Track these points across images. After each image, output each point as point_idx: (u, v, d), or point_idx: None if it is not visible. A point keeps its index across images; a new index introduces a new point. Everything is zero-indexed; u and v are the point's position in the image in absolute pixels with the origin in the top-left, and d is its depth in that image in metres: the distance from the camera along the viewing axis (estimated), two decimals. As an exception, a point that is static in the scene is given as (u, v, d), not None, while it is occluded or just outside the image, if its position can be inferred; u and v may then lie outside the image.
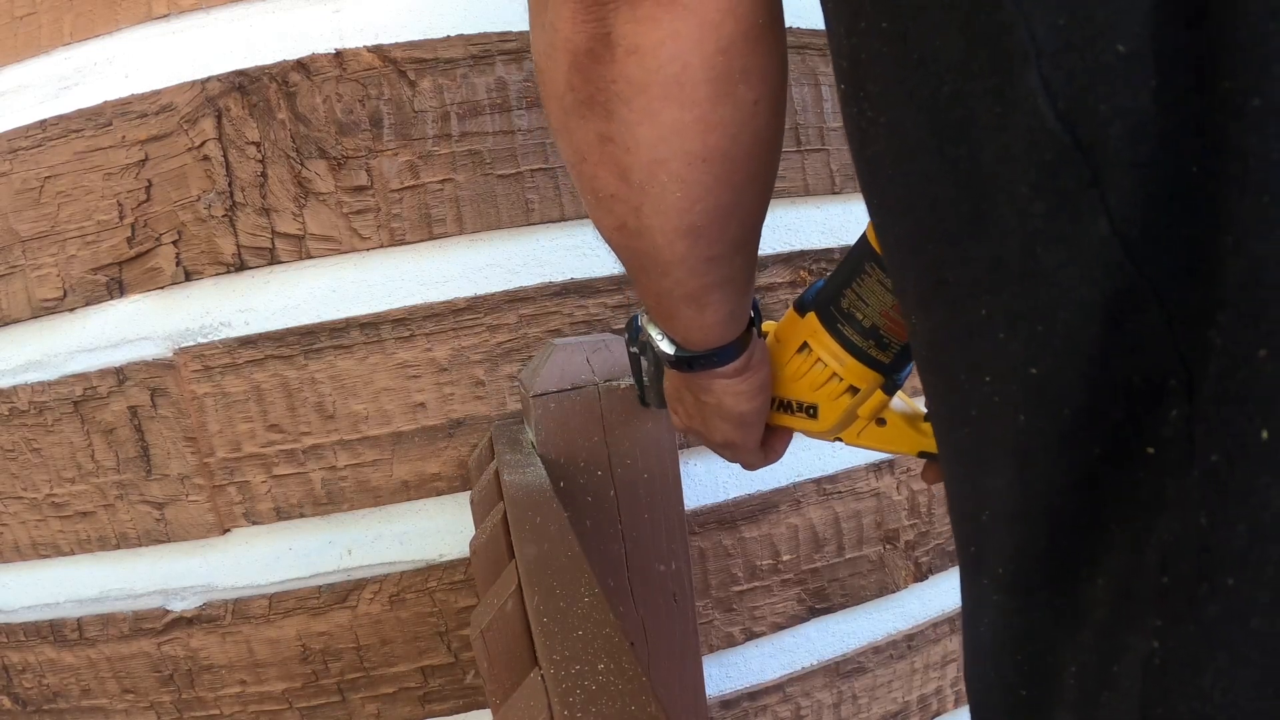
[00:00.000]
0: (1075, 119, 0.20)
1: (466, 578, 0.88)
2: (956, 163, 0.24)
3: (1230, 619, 0.19)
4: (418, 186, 0.82)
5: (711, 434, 0.54)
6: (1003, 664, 0.28)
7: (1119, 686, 0.22)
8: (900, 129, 0.26)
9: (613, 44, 0.31)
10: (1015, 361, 0.24)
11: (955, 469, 0.30)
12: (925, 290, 0.28)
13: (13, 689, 0.89)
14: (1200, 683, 0.20)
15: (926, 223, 0.27)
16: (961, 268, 0.25)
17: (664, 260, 0.38)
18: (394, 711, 0.90)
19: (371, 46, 0.80)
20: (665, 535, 0.78)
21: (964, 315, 0.26)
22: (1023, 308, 0.23)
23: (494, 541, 0.60)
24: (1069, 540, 0.24)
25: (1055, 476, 0.24)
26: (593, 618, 0.42)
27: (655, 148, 0.34)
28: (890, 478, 1.04)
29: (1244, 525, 0.19)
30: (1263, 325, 0.18)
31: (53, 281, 0.81)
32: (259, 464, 0.83)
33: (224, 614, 0.85)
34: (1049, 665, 0.26)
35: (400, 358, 0.84)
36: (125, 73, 0.78)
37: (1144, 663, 0.21)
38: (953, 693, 1.15)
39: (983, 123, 0.22)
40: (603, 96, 0.33)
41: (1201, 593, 0.20)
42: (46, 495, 0.84)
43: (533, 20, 0.36)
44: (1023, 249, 0.23)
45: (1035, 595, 0.26)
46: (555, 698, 0.36)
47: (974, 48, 0.22)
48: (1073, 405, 0.23)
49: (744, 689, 1.01)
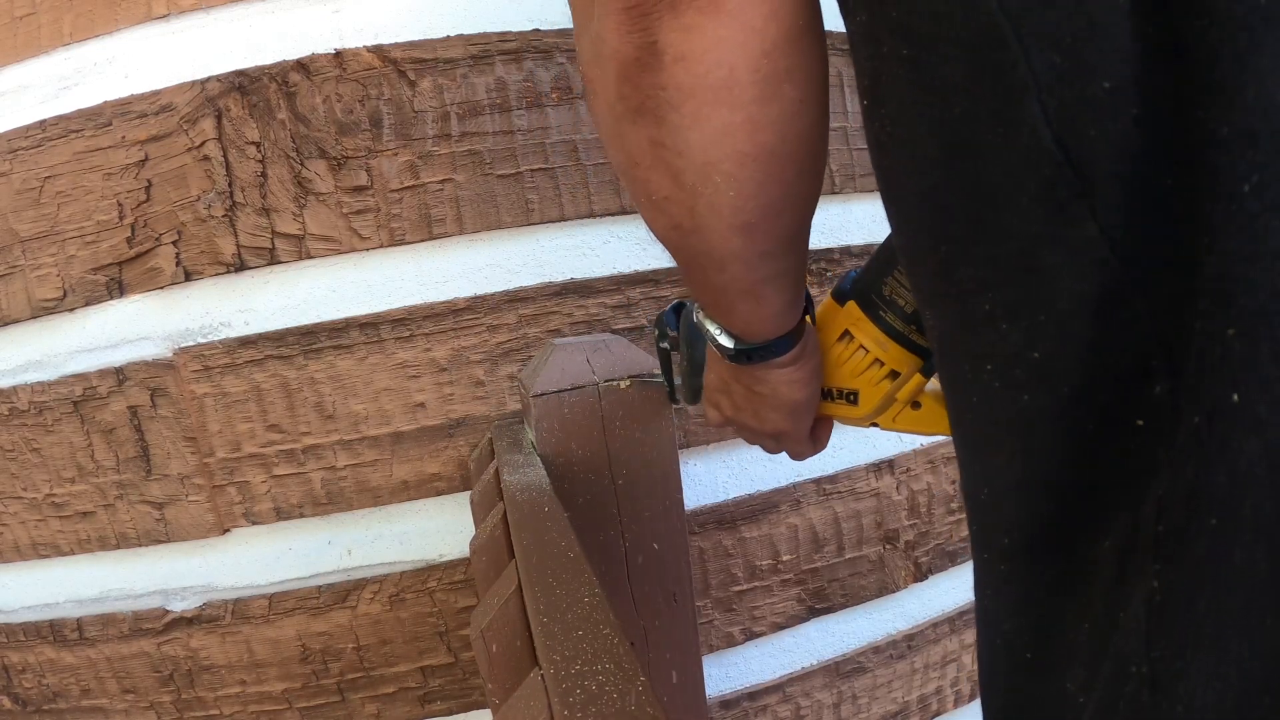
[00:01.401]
0: (1069, 141, 0.24)
1: (466, 578, 0.88)
2: (963, 175, 0.27)
3: (1215, 555, 0.22)
4: (417, 186, 0.82)
5: (763, 425, 0.55)
6: (1009, 630, 0.31)
7: (1126, 628, 0.25)
8: (913, 143, 0.29)
9: (659, 52, 0.32)
10: (1017, 349, 0.27)
11: (962, 452, 0.33)
12: (935, 288, 0.31)
13: (13, 689, 0.89)
14: (1194, 612, 0.23)
15: (936, 227, 0.30)
16: (967, 267, 0.29)
17: (720, 257, 0.39)
18: (394, 711, 0.90)
19: (371, 46, 0.80)
20: (665, 535, 0.78)
21: (969, 310, 0.29)
22: (1023, 300, 0.26)
23: (494, 541, 0.60)
24: (1071, 508, 0.27)
25: (1055, 450, 0.27)
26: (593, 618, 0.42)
27: (706, 150, 0.35)
28: (890, 478, 1.04)
29: (1223, 473, 0.22)
30: (1232, 310, 0.21)
31: (52, 281, 0.81)
32: (259, 464, 0.83)
33: (224, 614, 0.85)
34: (1056, 627, 0.28)
35: (400, 358, 0.84)
36: (125, 73, 0.78)
37: (1146, 602, 0.24)
38: (952, 693, 1.15)
39: (987, 141, 0.26)
40: (652, 103, 0.34)
41: (1191, 533, 0.23)
42: (46, 495, 0.84)
43: (578, 32, 0.37)
44: (1022, 250, 0.26)
45: (1039, 563, 0.29)
46: (555, 698, 0.36)
47: (980, 77, 0.25)
48: (1070, 385, 0.26)
49: (744, 689, 1.01)
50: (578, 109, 0.86)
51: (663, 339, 0.67)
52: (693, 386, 0.65)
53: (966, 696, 1.16)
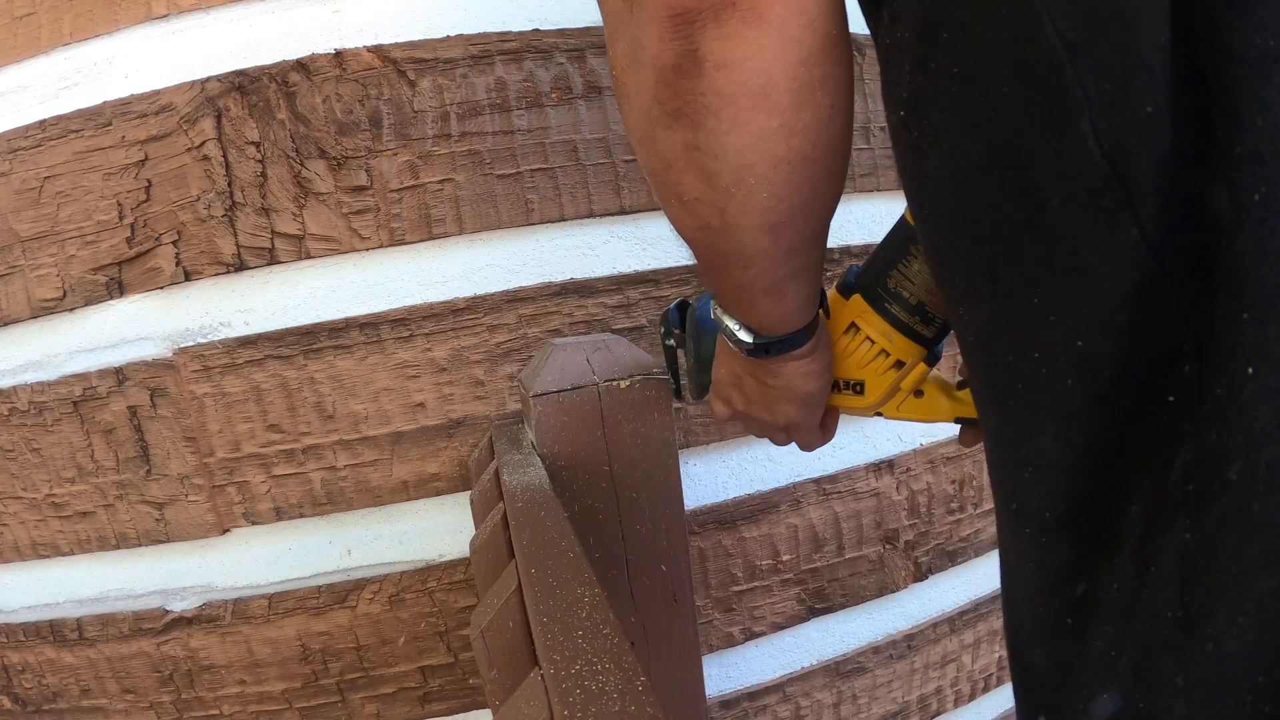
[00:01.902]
0: (1115, 157, 0.27)
1: (466, 578, 0.88)
2: (1010, 184, 0.31)
3: (1237, 507, 0.26)
4: (417, 186, 0.82)
5: (775, 417, 0.57)
6: (1050, 597, 0.33)
7: (1159, 580, 0.28)
8: (958, 153, 0.32)
9: (700, 60, 0.34)
10: (1064, 339, 0.30)
11: (1001, 434, 0.35)
12: (977, 284, 0.34)
13: (12, 689, 0.89)
14: (1220, 559, 0.26)
15: (979, 230, 0.33)
16: (1014, 266, 0.32)
17: (747, 255, 0.41)
18: (394, 711, 0.90)
19: (371, 46, 0.80)
20: (665, 535, 0.78)
21: (1015, 304, 0.32)
22: (1069, 296, 0.30)
23: (494, 541, 0.60)
24: (1108, 480, 0.30)
25: (1096, 429, 0.30)
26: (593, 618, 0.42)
27: (743, 154, 0.36)
28: (890, 478, 1.04)
29: (1241, 434, 0.25)
30: (1244, 299, 0.25)
31: (52, 281, 0.81)
32: (258, 464, 0.83)
33: (224, 614, 0.85)
34: (1092, 591, 0.31)
35: (400, 358, 0.84)
36: (125, 73, 0.78)
37: (1179, 553, 0.27)
38: (952, 693, 1.15)
39: (1038, 154, 0.29)
40: (690, 108, 0.35)
41: (1215, 489, 0.26)
42: (46, 495, 0.84)
43: (611, 36, 0.38)
44: (1071, 251, 0.29)
45: (1079, 530, 0.32)
46: (555, 698, 0.36)
47: (1037, 98, 0.28)
48: (1111, 370, 0.29)
49: (744, 689, 1.01)
50: (577, 109, 0.86)
51: (669, 337, 0.68)
52: (699, 383, 0.66)
53: (966, 696, 1.16)
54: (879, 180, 0.98)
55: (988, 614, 1.15)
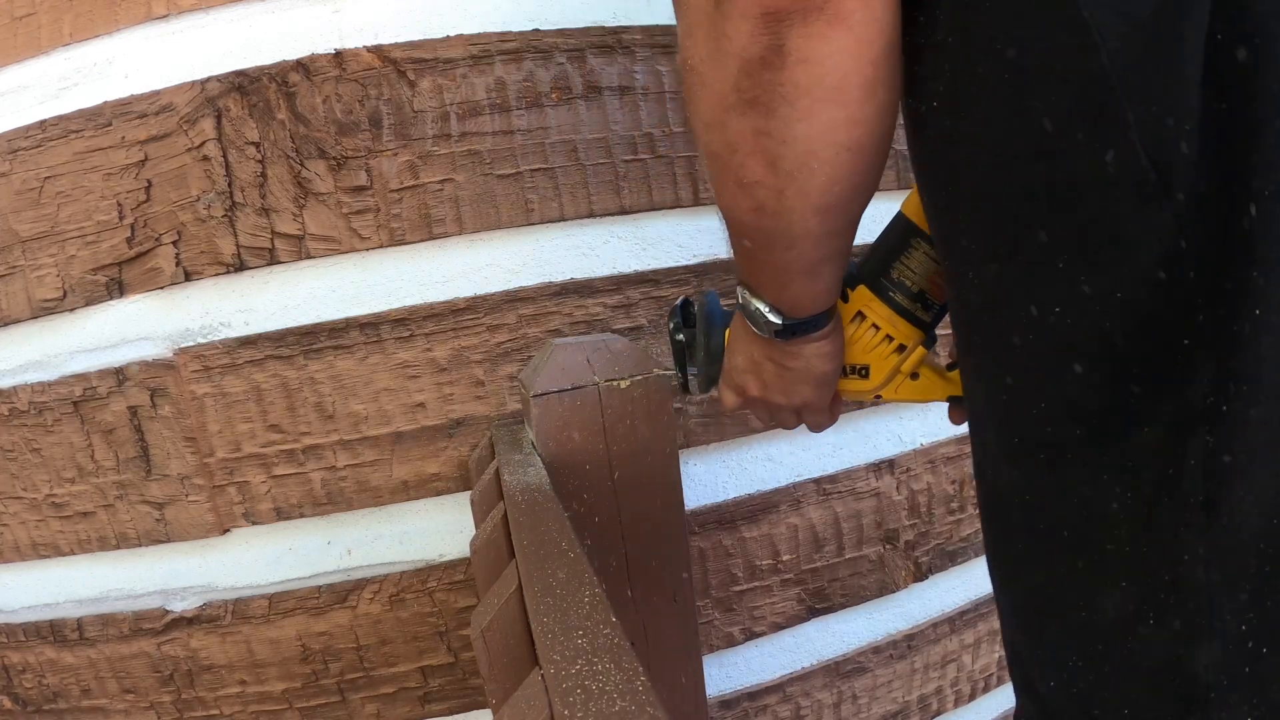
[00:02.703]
0: (1157, 159, 0.33)
1: (466, 578, 0.88)
2: (1055, 175, 0.36)
3: (1245, 412, 0.33)
4: (417, 186, 0.82)
5: (790, 399, 0.61)
6: (1076, 510, 0.40)
7: (1185, 474, 0.35)
8: (998, 145, 0.38)
9: (785, 54, 0.38)
10: (1102, 290, 0.36)
11: (1000, 379, 0.42)
12: (996, 251, 0.40)
13: (13, 689, 0.89)
14: (1234, 453, 0.33)
15: (1012, 208, 0.38)
16: (1038, 237, 0.37)
17: (794, 235, 0.46)
18: (394, 711, 0.90)
19: (371, 46, 0.80)
20: (665, 535, 0.78)
21: (1038, 267, 0.38)
22: (1111, 258, 0.35)
23: (494, 541, 0.60)
24: (1132, 402, 0.36)
25: (1131, 362, 0.36)
26: (593, 617, 0.42)
27: (810, 140, 0.40)
28: (890, 478, 1.04)
29: (1251, 357, 0.32)
30: (1255, 261, 0.32)
31: (52, 282, 0.81)
32: (259, 464, 0.83)
33: (224, 614, 0.85)
34: (1118, 498, 0.38)
35: (400, 358, 0.84)
36: (125, 73, 0.78)
37: (1202, 451, 0.34)
38: (953, 693, 1.15)
39: (1086, 154, 0.35)
40: (767, 97, 0.39)
41: (1229, 398, 0.33)
42: (46, 495, 0.84)
43: (690, 29, 0.42)
44: (1114, 222, 0.35)
45: (1102, 447, 0.38)
46: (555, 697, 0.36)
47: (1085, 109, 0.34)
48: (1143, 314, 0.35)
49: (744, 689, 1.01)
50: (577, 109, 0.86)
51: (679, 332, 0.70)
52: (709, 375, 0.69)
53: (967, 696, 1.16)
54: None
55: (988, 614, 1.15)
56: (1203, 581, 0.35)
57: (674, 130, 0.89)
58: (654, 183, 0.89)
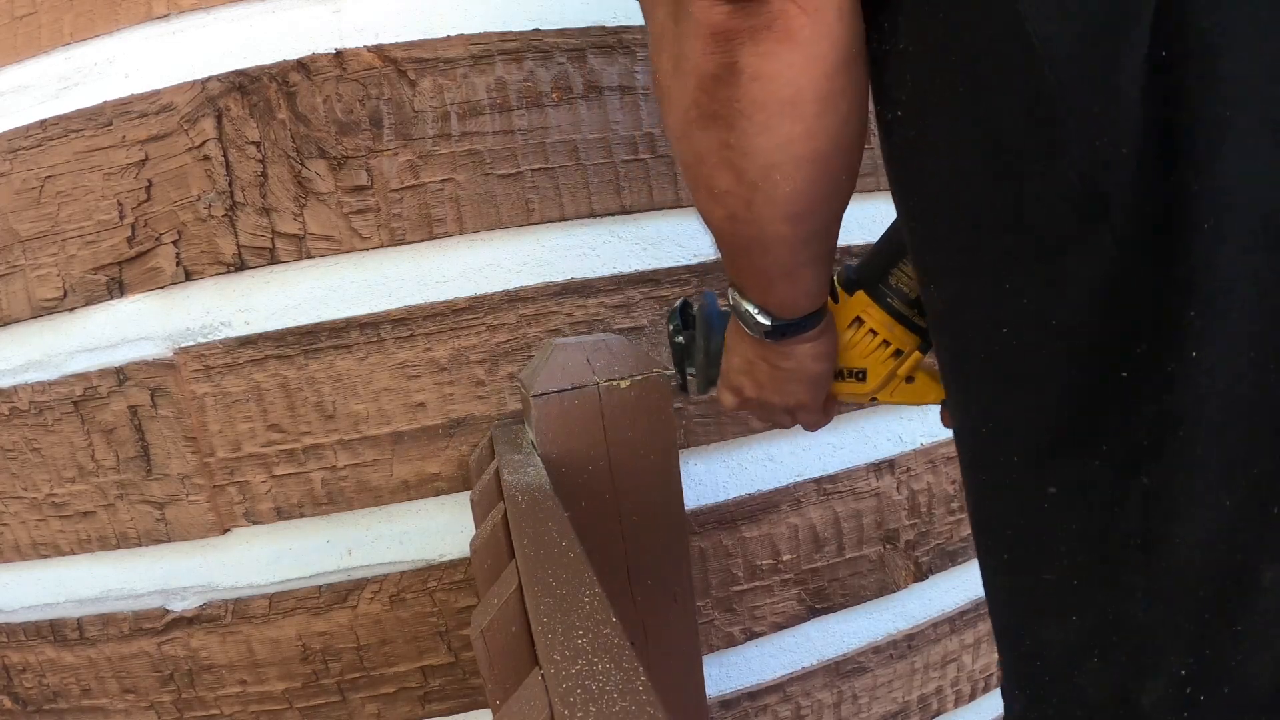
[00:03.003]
0: (1097, 179, 0.32)
1: (467, 577, 0.88)
2: (1006, 190, 0.36)
3: (1184, 454, 0.32)
4: (418, 186, 0.82)
5: (785, 399, 0.62)
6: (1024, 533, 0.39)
7: (1125, 513, 0.34)
8: (957, 158, 0.38)
9: (738, 71, 0.38)
10: (1036, 316, 0.36)
11: (958, 397, 0.42)
12: (952, 264, 0.40)
13: (13, 689, 0.89)
14: (1172, 494, 0.33)
15: (964, 220, 0.38)
16: (991, 253, 0.37)
17: (768, 242, 0.46)
18: (394, 711, 0.90)
19: (372, 46, 0.80)
20: (666, 535, 0.78)
21: (988, 285, 0.38)
22: (1052, 277, 0.35)
23: (494, 541, 0.60)
24: (1074, 431, 0.36)
25: (1065, 390, 0.36)
26: (593, 617, 0.42)
27: (770, 153, 0.41)
28: (890, 478, 1.04)
29: (1190, 399, 0.32)
30: (1192, 298, 0.31)
31: (53, 281, 0.81)
32: (259, 464, 0.83)
33: (224, 614, 0.85)
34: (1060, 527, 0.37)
35: (400, 358, 0.84)
36: (125, 72, 0.78)
37: (1142, 493, 0.34)
38: (953, 692, 1.15)
39: (1032, 170, 0.34)
40: (725, 111, 0.40)
41: (1168, 441, 0.33)
42: (47, 495, 0.84)
43: (657, 47, 0.43)
44: (1056, 242, 0.34)
45: (1045, 473, 0.37)
46: (556, 697, 0.36)
47: (1034, 128, 0.34)
48: (1085, 340, 0.35)
49: (744, 689, 1.01)
50: (578, 109, 0.86)
51: (678, 334, 0.71)
52: (708, 376, 0.70)
53: (967, 696, 1.16)
54: (879, 181, 0.98)
55: (988, 614, 1.15)
56: (1144, 621, 0.34)
57: (674, 130, 0.89)
58: (654, 182, 0.89)
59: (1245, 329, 0.30)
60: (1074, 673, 0.37)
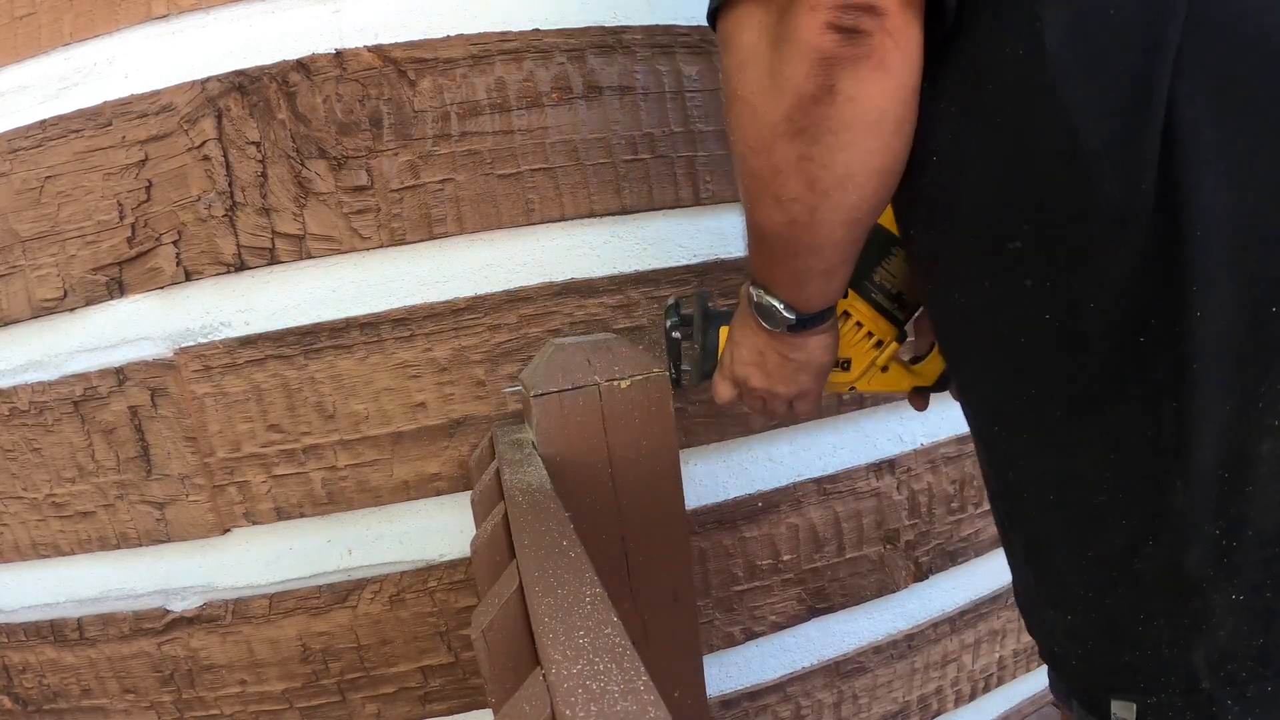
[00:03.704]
0: (1127, 207, 0.43)
1: (467, 577, 0.88)
2: (1040, 213, 0.46)
3: (1194, 386, 0.43)
4: (418, 186, 0.82)
5: (791, 387, 0.67)
6: (1074, 472, 0.49)
7: (1163, 434, 0.45)
8: (999, 193, 0.47)
9: (836, 93, 0.45)
10: (1078, 298, 0.46)
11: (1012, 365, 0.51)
12: (988, 269, 0.49)
13: (13, 689, 0.89)
14: (1189, 420, 0.44)
15: (1008, 242, 0.48)
16: (1032, 260, 0.47)
17: (820, 244, 0.53)
18: (394, 711, 0.90)
19: (372, 46, 0.80)
20: (666, 535, 0.78)
21: (1020, 284, 0.48)
22: (1087, 275, 0.45)
23: (495, 541, 0.60)
24: (1106, 383, 0.46)
25: (1100, 355, 0.46)
26: (594, 617, 0.42)
27: (850, 165, 0.48)
28: (890, 478, 1.04)
29: (1195, 343, 0.43)
30: (1195, 289, 0.42)
31: (53, 281, 0.81)
32: (259, 464, 0.83)
33: (224, 614, 0.85)
34: (1100, 460, 0.48)
35: (400, 358, 0.84)
36: (125, 73, 0.78)
37: (1171, 419, 0.45)
38: (953, 692, 1.15)
39: (1068, 204, 0.45)
40: (814, 128, 0.47)
41: (1183, 372, 0.43)
42: (47, 495, 0.84)
43: (742, 65, 0.49)
44: (1092, 252, 0.45)
45: (1083, 419, 0.48)
46: (557, 697, 0.36)
47: (1072, 177, 0.44)
48: (1109, 319, 0.45)
49: (744, 689, 1.01)
50: (577, 109, 0.86)
51: (676, 329, 0.74)
52: (704, 370, 0.74)
53: (967, 696, 1.16)
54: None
55: (988, 614, 1.15)
56: (1183, 505, 0.45)
57: (674, 130, 0.89)
58: (654, 183, 0.89)
59: (1230, 297, 0.42)
60: (1133, 560, 0.47)
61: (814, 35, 0.44)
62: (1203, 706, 0.46)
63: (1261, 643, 0.45)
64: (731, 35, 0.49)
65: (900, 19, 0.45)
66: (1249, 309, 0.42)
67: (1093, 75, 0.43)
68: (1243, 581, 0.44)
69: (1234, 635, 0.45)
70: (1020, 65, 0.45)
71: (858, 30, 0.44)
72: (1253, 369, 0.43)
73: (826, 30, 0.44)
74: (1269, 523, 0.44)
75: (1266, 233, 0.41)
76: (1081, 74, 0.43)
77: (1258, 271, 0.42)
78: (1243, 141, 0.41)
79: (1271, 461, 0.43)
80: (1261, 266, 0.42)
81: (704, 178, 0.91)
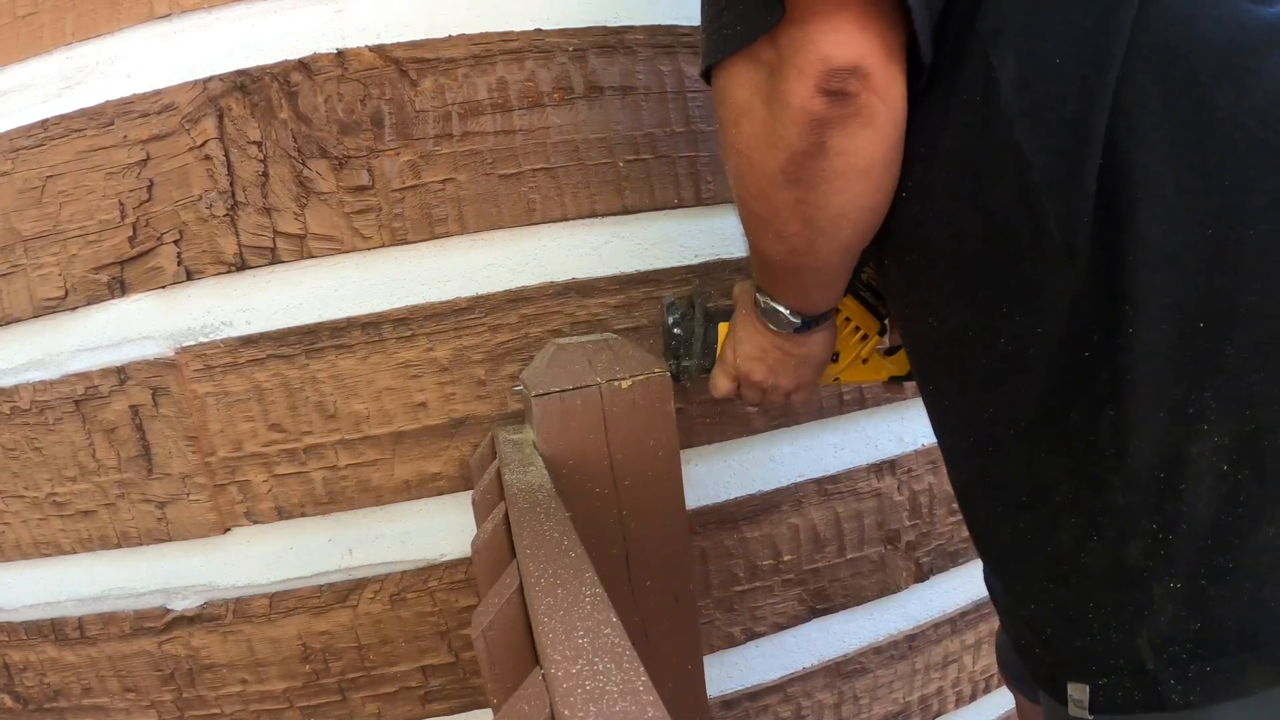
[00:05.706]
0: (1070, 238, 0.48)
1: (467, 577, 0.88)
2: (998, 248, 0.51)
3: (1139, 394, 0.48)
4: (419, 186, 0.82)
5: (792, 380, 0.73)
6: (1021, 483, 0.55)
7: (1100, 440, 0.50)
8: (961, 225, 0.52)
9: (827, 149, 0.50)
10: (1026, 328, 0.51)
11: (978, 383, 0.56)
12: (959, 298, 0.54)
13: (14, 688, 0.89)
14: (1127, 422, 0.49)
15: (966, 270, 0.53)
16: (989, 290, 0.52)
17: (819, 267, 0.59)
18: (395, 711, 0.90)
19: (373, 46, 0.80)
20: (667, 535, 0.78)
21: (986, 311, 0.53)
22: (1032, 304, 0.51)
23: (495, 541, 0.60)
24: (1056, 401, 0.51)
25: (1052, 371, 0.51)
26: (594, 617, 0.42)
27: (843, 207, 0.53)
28: (891, 478, 1.04)
29: (1129, 356, 0.48)
30: (1135, 315, 0.47)
31: (54, 280, 0.81)
32: (260, 463, 0.83)
33: (225, 613, 0.86)
34: (1050, 469, 0.53)
35: (402, 357, 0.84)
36: (127, 72, 0.78)
37: (1110, 425, 0.49)
38: (953, 693, 1.15)
39: (1023, 235, 0.50)
40: (808, 178, 0.52)
41: (1120, 382, 0.48)
42: (48, 494, 0.84)
43: (736, 120, 0.53)
44: (1038, 280, 0.50)
45: (1038, 432, 0.53)
46: (556, 697, 0.36)
47: (1020, 202, 0.49)
48: (1055, 339, 0.50)
49: (745, 689, 1.01)
50: (579, 109, 0.86)
51: (677, 325, 0.78)
52: (703, 365, 0.79)
53: (967, 697, 1.16)
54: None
55: (989, 614, 1.15)
56: (1124, 503, 0.49)
57: (675, 130, 0.89)
58: (656, 183, 0.89)
59: (1160, 315, 0.46)
60: (1081, 555, 0.52)
61: (804, 99, 0.48)
62: (1149, 686, 0.50)
63: (1199, 626, 0.48)
64: (725, 91, 0.53)
65: (884, 77, 0.48)
66: (1178, 326, 0.46)
67: (1038, 120, 0.48)
68: (1179, 571, 0.48)
69: (1174, 621, 0.49)
70: (977, 110, 0.49)
71: (845, 93, 0.47)
72: (1184, 380, 0.47)
73: (816, 94, 0.47)
74: (1201, 518, 0.47)
75: (1192, 259, 0.45)
76: (1029, 119, 0.48)
77: (1186, 293, 0.46)
78: (1174, 176, 0.45)
79: (1201, 462, 0.47)
80: (1190, 289, 0.46)
81: (706, 178, 0.91)
